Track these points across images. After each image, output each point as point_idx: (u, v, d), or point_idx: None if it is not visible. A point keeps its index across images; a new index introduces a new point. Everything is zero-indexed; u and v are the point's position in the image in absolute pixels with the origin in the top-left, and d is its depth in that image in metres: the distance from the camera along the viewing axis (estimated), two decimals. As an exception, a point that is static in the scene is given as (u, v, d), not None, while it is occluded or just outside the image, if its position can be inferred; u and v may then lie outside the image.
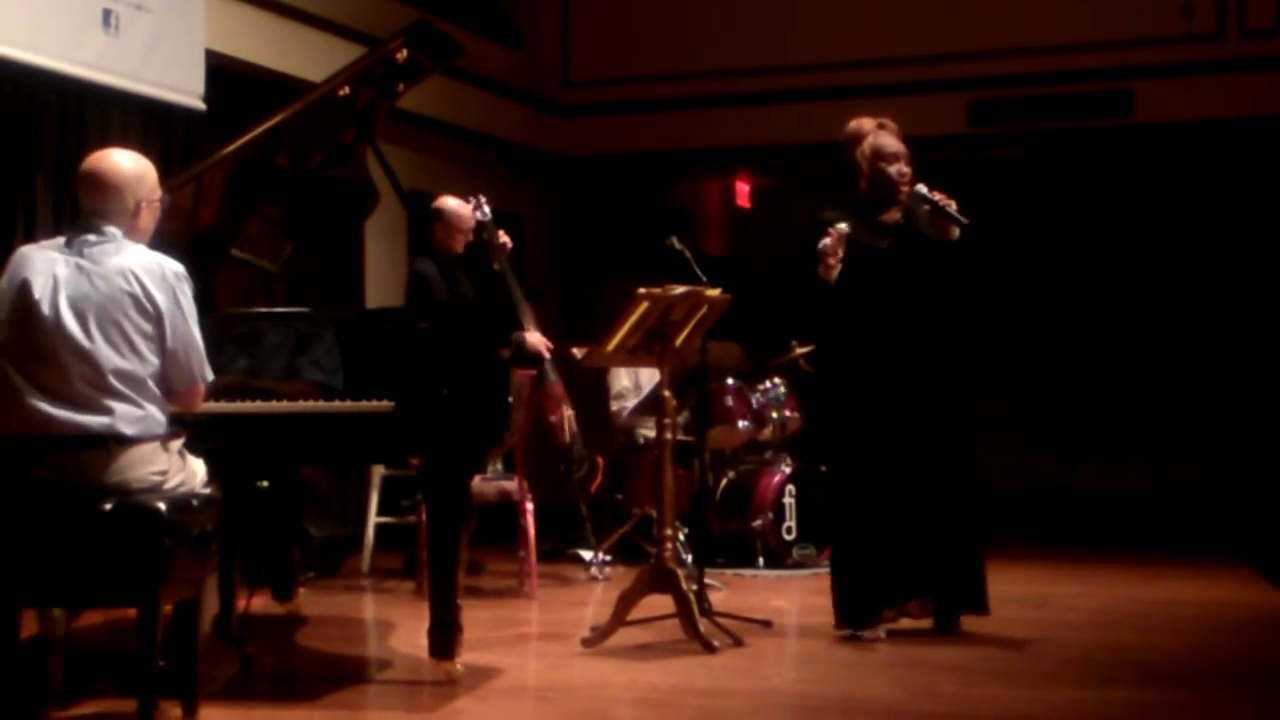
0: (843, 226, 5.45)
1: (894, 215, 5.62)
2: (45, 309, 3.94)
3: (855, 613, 5.51)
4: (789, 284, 6.02)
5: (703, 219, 13.16)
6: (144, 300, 3.97)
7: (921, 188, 5.50)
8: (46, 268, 4.00)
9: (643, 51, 11.26)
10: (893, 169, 5.58)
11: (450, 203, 7.17)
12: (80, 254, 4.01)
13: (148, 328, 3.98)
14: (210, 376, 4.16)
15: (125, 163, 4.17)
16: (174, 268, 4.06)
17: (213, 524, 4.12)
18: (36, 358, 3.94)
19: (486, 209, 7.32)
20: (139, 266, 4.00)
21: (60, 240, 4.08)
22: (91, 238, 4.04)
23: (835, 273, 5.45)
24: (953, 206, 5.45)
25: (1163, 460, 11.48)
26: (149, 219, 4.17)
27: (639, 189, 11.99)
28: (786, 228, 5.48)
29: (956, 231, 5.49)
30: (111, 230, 4.05)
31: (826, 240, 5.44)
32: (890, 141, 5.62)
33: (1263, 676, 5.12)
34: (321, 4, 8.76)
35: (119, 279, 3.97)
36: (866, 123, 5.71)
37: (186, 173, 5.32)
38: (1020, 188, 11.59)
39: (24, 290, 3.97)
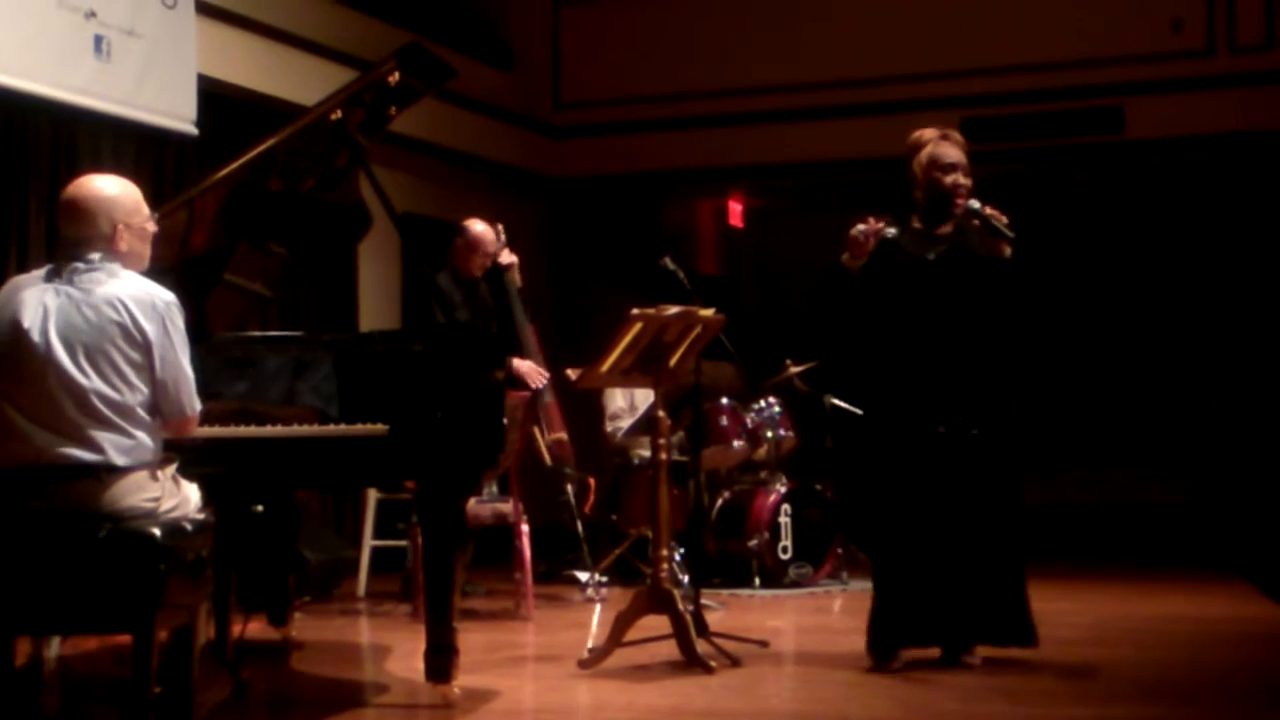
0: (891, 231, 5.33)
1: (948, 229, 5.43)
2: (36, 338, 3.93)
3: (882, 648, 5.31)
4: (807, 291, 5.82)
5: (696, 239, 13.17)
6: (133, 330, 3.96)
7: (974, 202, 5.34)
8: (36, 298, 3.99)
9: (634, 72, 11.28)
10: (949, 179, 5.37)
11: (477, 225, 7.35)
12: (70, 283, 3.99)
13: (137, 357, 3.97)
14: (199, 407, 4.15)
15: (99, 186, 4.12)
16: (164, 297, 4.04)
17: (207, 549, 4.11)
18: (28, 389, 3.93)
19: (503, 238, 7.48)
20: (128, 296, 3.99)
21: (49, 269, 4.06)
22: (80, 265, 4.02)
23: (860, 264, 5.29)
24: (1004, 221, 5.29)
25: (1158, 475, 11.49)
26: (131, 242, 4.10)
27: (632, 209, 12.00)
28: (780, 247, 5.42)
29: (1009, 250, 5.32)
30: (96, 256, 4.02)
31: (862, 226, 5.27)
32: (949, 151, 5.42)
33: (1259, 691, 5.11)
34: (313, 28, 8.78)
35: (108, 309, 3.96)
36: (929, 133, 5.50)
37: (179, 198, 5.31)
38: (1013, 204, 11.58)
39: (15, 322, 3.96)
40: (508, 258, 7.51)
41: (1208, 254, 11.57)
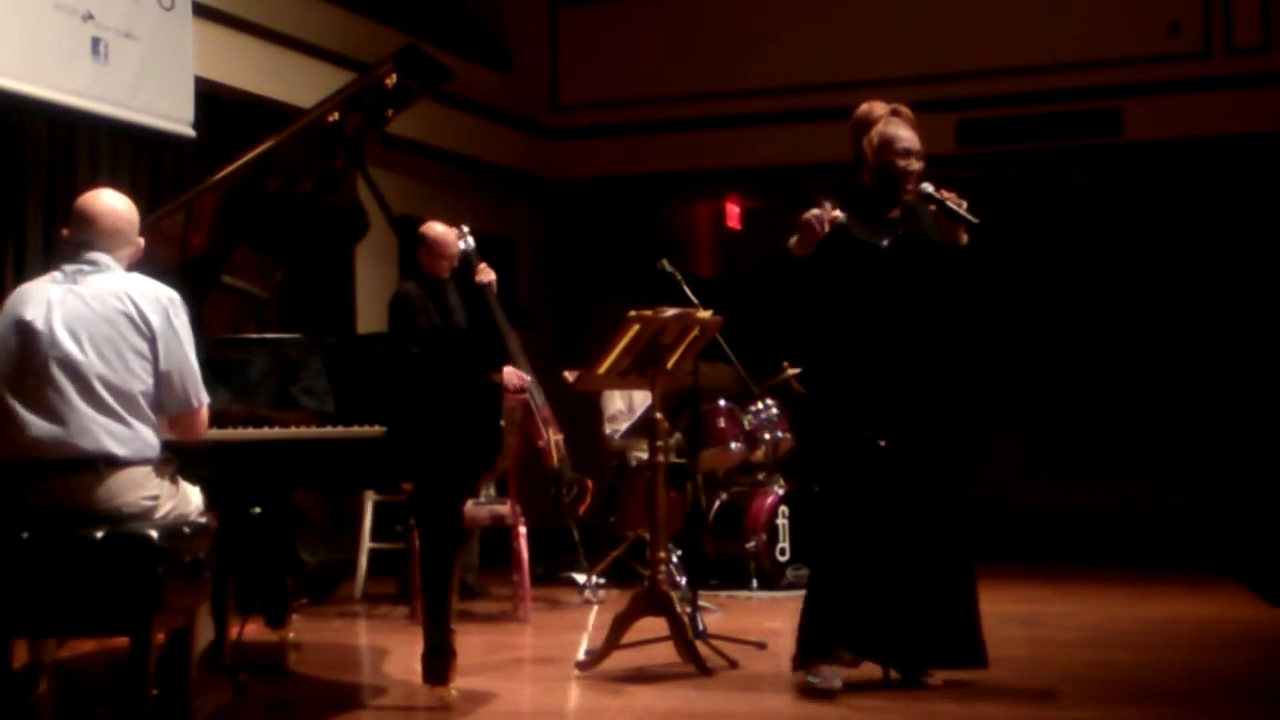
0: (839, 214, 4.90)
1: (897, 213, 5.07)
2: (40, 328, 3.99)
3: (813, 648, 4.94)
4: (755, 280, 5.57)
5: (693, 241, 13.18)
6: (138, 320, 4.03)
7: (928, 186, 4.98)
8: (41, 295, 4.06)
9: (632, 75, 11.28)
10: (902, 163, 5.00)
11: (436, 229, 7.26)
12: (74, 281, 4.07)
13: (142, 346, 4.03)
14: (206, 399, 4.18)
15: (125, 205, 4.23)
16: (167, 292, 4.12)
17: (205, 551, 4.11)
18: (30, 379, 3.97)
19: (470, 239, 7.41)
20: (133, 289, 4.07)
21: (54, 274, 4.13)
22: (85, 266, 4.11)
23: (808, 250, 4.88)
24: (964, 207, 4.94)
25: (1157, 478, 11.48)
26: (131, 256, 4.25)
27: (629, 212, 12.00)
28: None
29: (965, 236, 4.98)
30: (104, 259, 4.11)
31: (816, 210, 4.88)
32: (903, 133, 5.04)
33: (1259, 694, 5.11)
34: (310, 30, 8.78)
35: (113, 299, 4.03)
36: (879, 107, 5.12)
37: (177, 200, 5.32)
38: (1010, 207, 11.60)
39: (19, 318, 4.02)
40: (486, 275, 7.41)
41: (1206, 256, 11.56)
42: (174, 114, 7.53)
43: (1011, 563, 9.29)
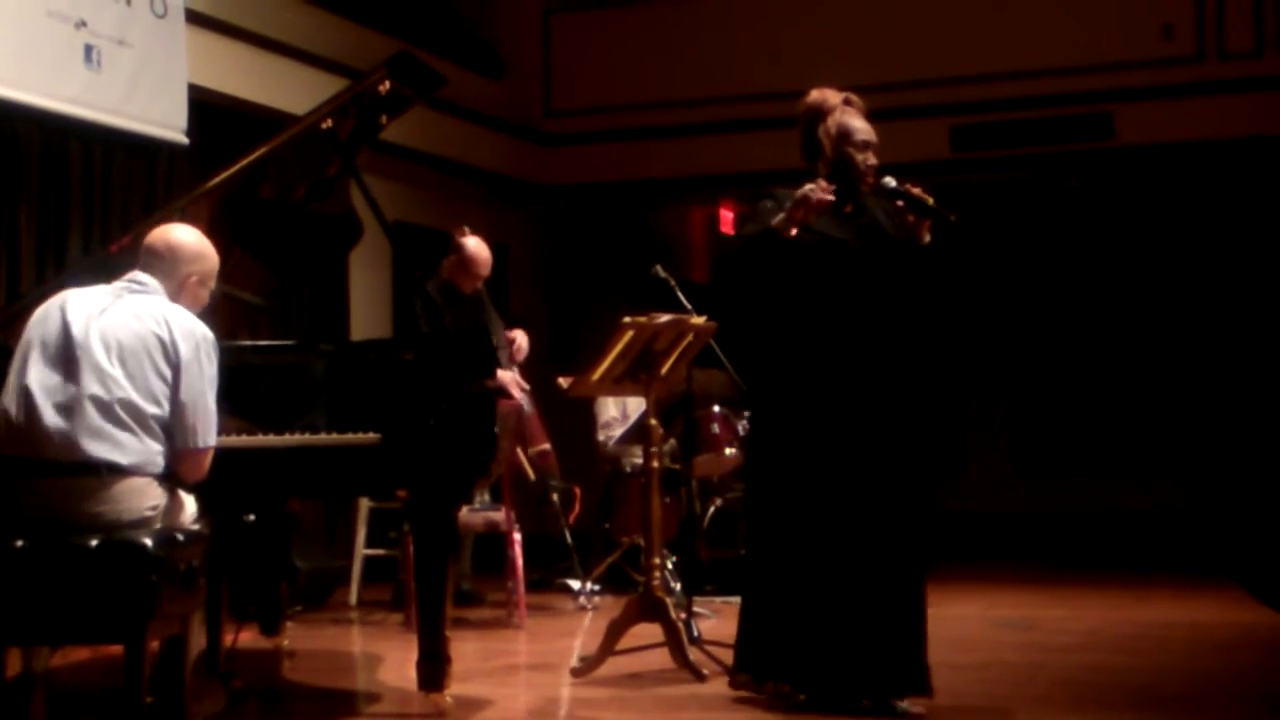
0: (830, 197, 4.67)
1: (850, 208, 4.84)
2: (77, 331, 4.06)
3: (757, 661, 4.79)
4: (719, 264, 5.28)
5: (687, 247, 13.18)
6: (169, 346, 4.09)
7: (890, 181, 4.76)
8: (88, 302, 4.15)
9: (625, 80, 11.28)
10: (861, 156, 4.79)
11: (470, 242, 7.24)
12: (120, 296, 4.17)
13: (166, 371, 4.08)
14: (212, 443, 4.19)
15: (186, 236, 4.34)
16: (204, 330, 4.19)
17: (199, 559, 4.11)
18: (58, 369, 4.03)
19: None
20: (173, 316, 4.15)
21: (104, 286, 4.23)
22: (136, 285, 4.21)
23: (795, 232, 4.67)
24: (930, 201, 4.72)
25: (1150, 482, 11.50)
26: (195, 297, 4.32)
27: (623, 217, 12.00)
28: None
29: (928, 235, 4.77)
30: (151, 283, 4.22)
31: (811, 185, 4.66)
32: (861, 125, 4.84)
33: (1255, 697, 5.12)
34: (303, 37, 8.77)
35: (150, 321, 4.10)
36: (832, 96, 4.90)
37: (170, 207, 5.31)
38: (1004, 212, 11.62)
39: (65, 315, 4.11)
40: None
41: (1199, 260, 11.58)
42: (167, 121, 7.52)
43: (1003, 568, 9.29)
